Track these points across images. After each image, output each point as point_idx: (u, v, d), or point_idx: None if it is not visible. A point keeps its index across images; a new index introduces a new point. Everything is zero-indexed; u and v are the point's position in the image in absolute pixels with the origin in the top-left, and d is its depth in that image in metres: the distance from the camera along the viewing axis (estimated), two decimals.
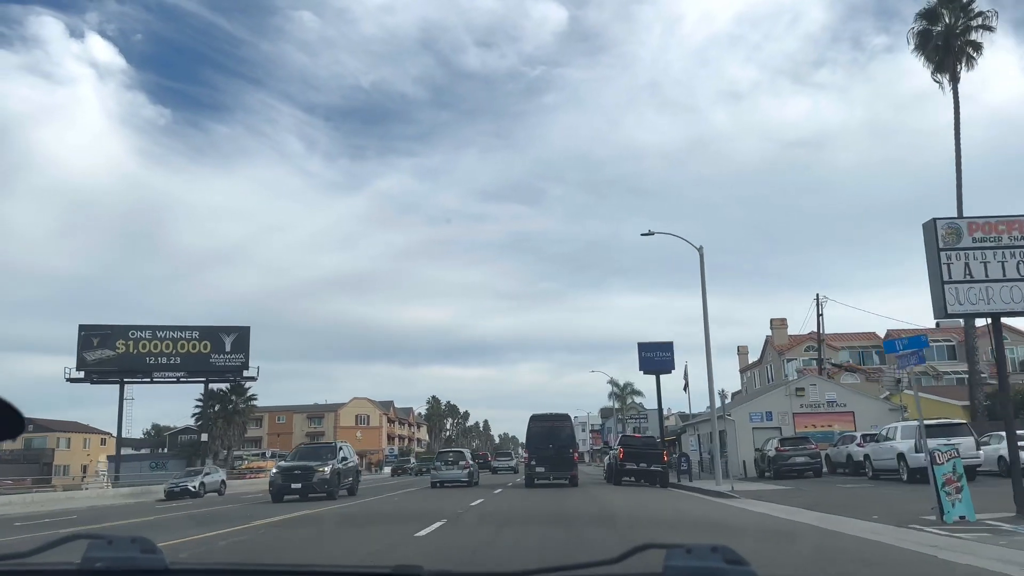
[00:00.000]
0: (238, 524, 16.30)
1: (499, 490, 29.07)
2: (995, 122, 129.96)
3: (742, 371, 66.84)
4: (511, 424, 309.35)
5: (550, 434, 30.86)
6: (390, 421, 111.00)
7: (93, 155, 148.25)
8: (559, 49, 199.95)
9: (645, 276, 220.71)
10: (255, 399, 68.98)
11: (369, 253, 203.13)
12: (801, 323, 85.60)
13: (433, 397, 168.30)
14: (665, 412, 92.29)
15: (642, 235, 29.08)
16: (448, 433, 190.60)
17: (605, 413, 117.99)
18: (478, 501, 22.18)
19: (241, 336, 67.91)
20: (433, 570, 1.52)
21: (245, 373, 68.35)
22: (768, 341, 58.36)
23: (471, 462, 36.72)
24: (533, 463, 30.41)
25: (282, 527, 15.84)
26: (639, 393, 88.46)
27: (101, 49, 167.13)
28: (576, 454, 32.72)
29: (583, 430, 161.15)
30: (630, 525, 14.60)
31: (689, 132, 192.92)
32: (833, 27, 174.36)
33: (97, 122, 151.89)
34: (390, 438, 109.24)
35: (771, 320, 57.31)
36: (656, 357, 65.89)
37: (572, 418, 36.83)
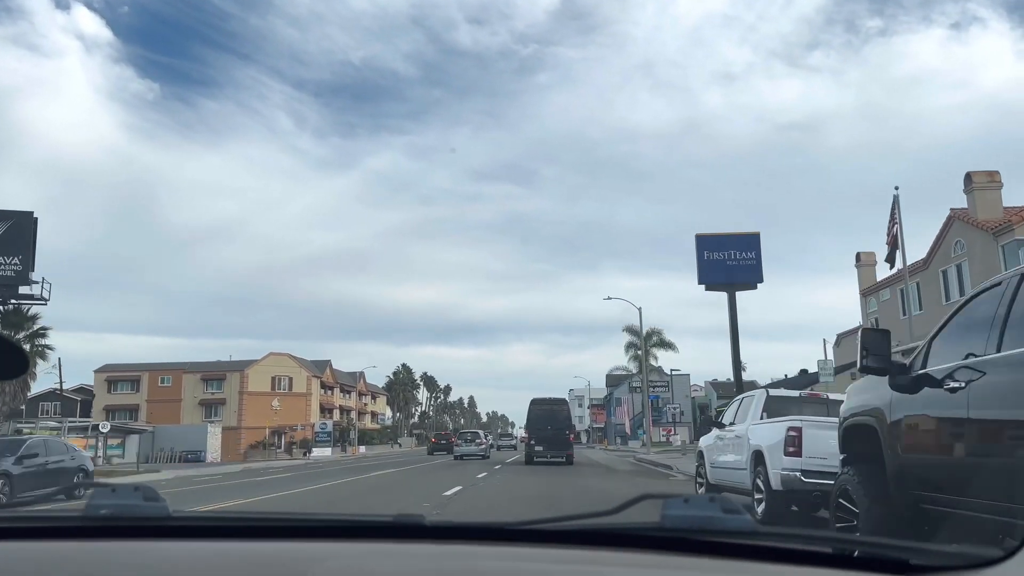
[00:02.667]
0: None
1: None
2: None
3: (865, 293, 39.59)
4: (505, 404, 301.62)
5: (548, 416, 32.72)
6: (326, 388, 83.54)
7: (81, 129, 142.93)
8: (552, 27, 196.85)
9: (640, 258, 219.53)
10: (45, 335, 41.38)
11: (361, 232, 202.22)
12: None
13: (403, 365, 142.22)
14: (689, 382, 64.37)
15: None
16: (422, 408, 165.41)
17: (613, 380, 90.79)
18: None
19: (18, 227, 40.32)
20: (434, 520, 1.51)
21: (24, 290, 40.97)
22: (953, 219, 30.89)
23: (485, 440, 47.02)
24: (532, 442, 32.70)
25: None
26: (669, 345, 61.57)
27: (88, 21, 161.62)
28: (572, 435, 34.32)
29: (580, 405, 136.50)
30: None
31: (683, 113, 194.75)
32: (827, 9, 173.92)
33: (85, 96, 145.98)
34: (326, 409, 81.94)
35: (968, 177, 29.73)
36: (730, 260, 38.53)
37: (569, 398, 47.59)
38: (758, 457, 10.91)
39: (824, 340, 46.33)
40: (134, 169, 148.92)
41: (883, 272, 37.79)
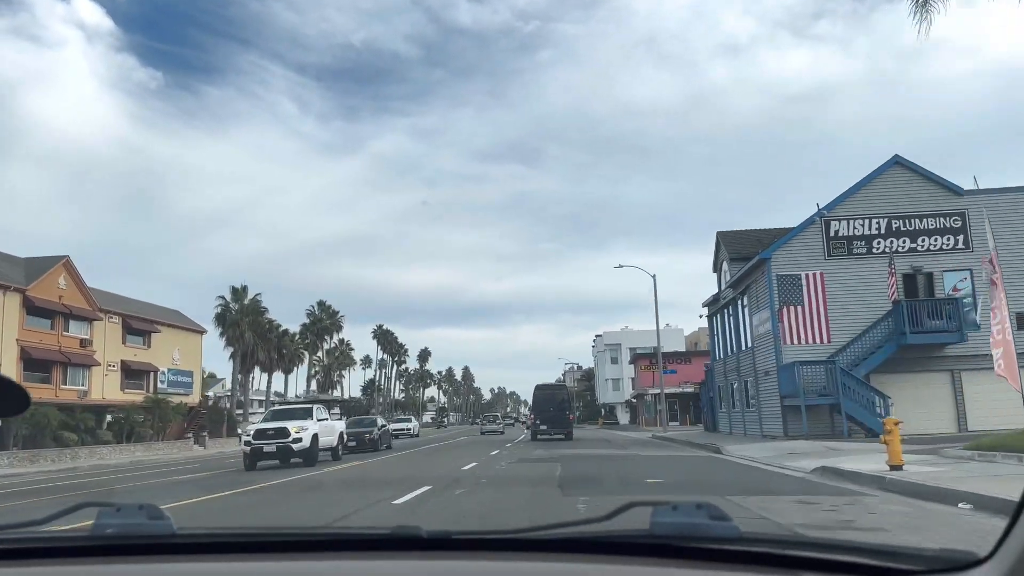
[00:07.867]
0: None
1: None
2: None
3: None
4: (517, 384, 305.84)
5: (550, 399, 39.77)
6: None
7: (85, 119, 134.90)
8: (552, 3, 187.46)
9: (649, 235, 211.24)
10: None
11: (368, 216, 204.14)
12: None
13: (320, 302, 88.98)
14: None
15: None
16: (374, 375, 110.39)
17: (736, 241, 32.33)
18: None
19: None
20: (431, 531, 1.60)
21: None
22: None
23: (502, 420, 68.73)
24: (537, 422, 39.46)
25: None
26: None
27: (88, 10, 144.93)
28: (571, 415, 41.43)
29: (613, 361, 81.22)
30: None
31: (688, 88, 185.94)
32: None
33: (88, 86, 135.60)
34: None
35: None
36: None
37: (593, 354, 63.48)
38: None
39: None
40: (141, 158, 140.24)
41: None
